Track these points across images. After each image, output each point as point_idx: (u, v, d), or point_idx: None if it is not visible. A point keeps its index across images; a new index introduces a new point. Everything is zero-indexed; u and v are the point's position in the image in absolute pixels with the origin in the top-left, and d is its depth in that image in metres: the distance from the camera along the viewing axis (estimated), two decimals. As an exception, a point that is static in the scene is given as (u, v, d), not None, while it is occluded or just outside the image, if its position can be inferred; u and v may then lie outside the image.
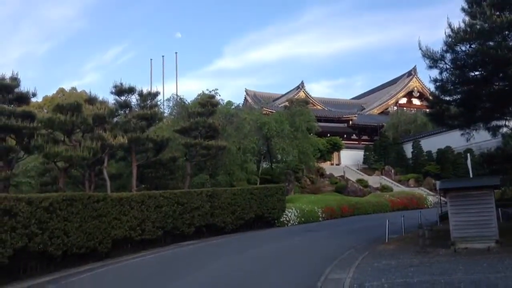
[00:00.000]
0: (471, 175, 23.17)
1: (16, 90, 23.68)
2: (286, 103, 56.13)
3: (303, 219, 31.70)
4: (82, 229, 17.88)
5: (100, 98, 27.80)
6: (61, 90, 67.85)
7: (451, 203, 18.08)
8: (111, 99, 28.51)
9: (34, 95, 24.65)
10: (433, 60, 20.92)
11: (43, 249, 16.03)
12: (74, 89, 68.18)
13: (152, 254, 20.48)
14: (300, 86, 77.37)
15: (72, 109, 22.32)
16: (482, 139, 27.70)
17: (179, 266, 17.11)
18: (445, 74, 21.47)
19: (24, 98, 24.08)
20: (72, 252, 17.39)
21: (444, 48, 20.45)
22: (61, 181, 22.91)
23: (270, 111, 50.99)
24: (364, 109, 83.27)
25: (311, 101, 69.86)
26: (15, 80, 23.59)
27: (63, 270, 16.77)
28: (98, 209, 18.90)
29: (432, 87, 24.57)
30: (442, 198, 27.97)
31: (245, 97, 76.82)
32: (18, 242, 14.89)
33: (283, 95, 78.71)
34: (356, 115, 70.29)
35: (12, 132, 22.46)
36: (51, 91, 78.06)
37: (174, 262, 18.48)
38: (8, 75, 23.46)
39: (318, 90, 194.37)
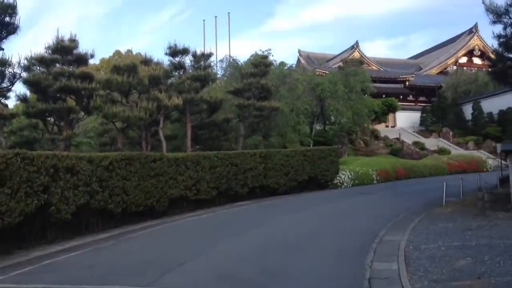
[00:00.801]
0: None
1: (75, 51, 24.17)
2: (340, 64, 55.04)
3: (357, 182, 31.43)
4: (140, 188, 18.39)
5: (155, 60, 28.08)
6: (117, 53, 69.19)
7: (512, 166, 17.40)
8: (165, 61, 28.72)
9: (92, 56, 25.12)
10: (497, 14, 19.86)
11: (103, 206, 16.62)
12: (129, 51, 69.35)
13: (207, 213, 20.89)
14: (355, 46, 75.50)
15: (128, 70, 22.68)
16: None
17: (233, 225, 17.40)
18: (509, 30, 20.40)
19: (82, 60, 24.60)
20: (131, 210, 17.95)
21: (509, 1, 19.39)
22: (119, 141, 23.55)
23: (323, 72, 50.14)
24: (422, 69, 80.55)
25: (366, 61, 68.13)
26: (73, 42, 24.08)
27: (122, 227, 17.37)
28: (155, 169, 19.34)
29: (495, 43, 23.41)
30: (503, 161, 26.98)
31: (298, 58, 75.80)
32: (80, 199, 15.48)
33: (337, 56, 77.09)
34: (413, 75, 68.17)
35: (72, 93, 23.12)
36: (108, 54, 79.65)
37: (229, 221, 18.80)
38: (66, 37, 23.98)
39: (374, 50, 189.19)
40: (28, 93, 25.40)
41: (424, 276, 9.09)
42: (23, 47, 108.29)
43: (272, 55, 38.52)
